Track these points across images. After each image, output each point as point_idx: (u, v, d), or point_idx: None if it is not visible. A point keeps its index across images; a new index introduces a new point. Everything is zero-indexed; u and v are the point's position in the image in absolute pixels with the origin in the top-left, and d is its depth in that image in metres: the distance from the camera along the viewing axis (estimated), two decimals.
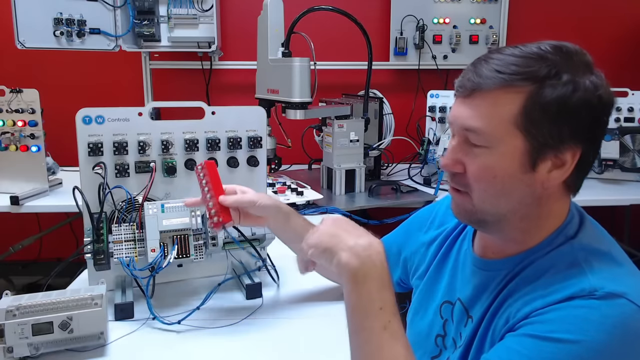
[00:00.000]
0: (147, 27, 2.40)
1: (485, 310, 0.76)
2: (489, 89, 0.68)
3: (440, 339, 0.87)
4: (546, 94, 0.66)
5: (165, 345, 0.95)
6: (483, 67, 0.70)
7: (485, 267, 0.80)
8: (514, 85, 0.67)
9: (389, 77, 2.80)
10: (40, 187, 2.01)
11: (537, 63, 0.67)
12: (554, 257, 0.71)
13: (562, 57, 0.68)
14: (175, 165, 1.15)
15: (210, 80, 2.70)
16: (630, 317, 0.61)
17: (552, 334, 0.62)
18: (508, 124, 0.68)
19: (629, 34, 2.84)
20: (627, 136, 2.25)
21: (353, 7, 2.08)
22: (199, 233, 1.07)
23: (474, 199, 0.73)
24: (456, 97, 0.75)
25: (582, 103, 0.66)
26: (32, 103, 1.96)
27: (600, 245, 0.71)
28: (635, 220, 2.74)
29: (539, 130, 0.67)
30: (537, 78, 0.66)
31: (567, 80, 0.66)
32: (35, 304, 0.87)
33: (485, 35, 2.72)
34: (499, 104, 0.68)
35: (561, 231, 0.73)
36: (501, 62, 0.69)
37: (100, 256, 1.02)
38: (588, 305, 0.62)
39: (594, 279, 0.65)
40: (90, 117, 1.08)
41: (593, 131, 0.70)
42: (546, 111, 0.66)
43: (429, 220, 1.01)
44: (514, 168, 0.69)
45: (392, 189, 2.10)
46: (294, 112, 1.92)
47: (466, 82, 0.71)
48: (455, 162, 0.74)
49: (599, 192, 2.15)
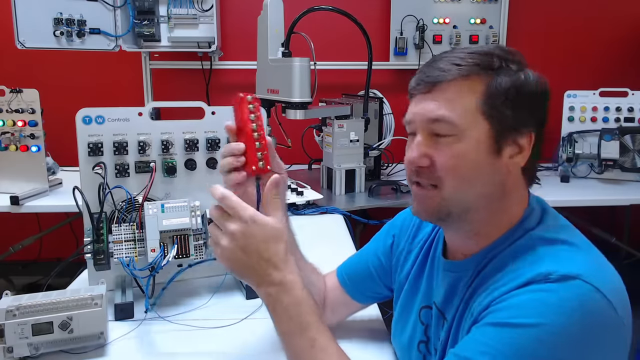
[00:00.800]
0: (147, 27, 2.40)
1: (455, 311, 0.77)
2: (450, 80, 0.72)
3: (423, 345, 0.87)
4: (503, 81, 0.72)
5: (165, 345, 0.95)
6: (439, 64, 0.74)
7: (453, 269, 0.81)
8: (472, 75, 0.72)
9: (389, 77, 2.80)
10: (40, 187, 2.01)
11: (488, 57, 0.73)
12: (513, 250, 0.73)
13: (505, 53, 0.74)
14: (175, 165, 1.15)
15: (210, 80, 2.70)
16: (587, 297, 0.62)
17: (510, 319, 0.63)
18: (473, 111, 0.71)
19: (629, 34, 2.84)
20: (627, 136, 2.25)
21: (353, 7, 2.08)
22: (199, 233, 1.07)
23: (444, 191, 0.73)
24: (413, 96, 0.77)
25: (534, 88, 0.73)
26: (32, 103, 1.96)
27: (558, 235, 0.72)
28: (635, 220, 2.74)
29: (501, 115, 0.71)
30: (492, 68, 0.72)
31: (517, 69, 0.73)
32: (35, 304, 0.88)
33: (485, 35, 2.72)
34: (462, 93, 0.72)
35: (521, 224, 0.75)
36: (456, 57, 0.74)
37: (100, 256, 1.02)
38: (545, 289, 0.63)
39: (549, 263, 0.66)
40: (90, 117, 1.08)
41: (542, 116, 0.75)
42: (507, 96, 0.71)
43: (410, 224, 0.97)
44: (482, 153, 0.72)
45: (392, 189, 2.10)
46: (294, 112, 1.92)
47: (425, 78, 0.75)
48: (421, 156, 0.74)
49: (599, 192, 2.15)
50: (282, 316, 0.72)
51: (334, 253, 1.40)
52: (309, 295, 0.74)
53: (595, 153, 2.28)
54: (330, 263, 1.29)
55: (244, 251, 0.72)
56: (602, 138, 2.24)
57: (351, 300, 1.01)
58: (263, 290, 0.73)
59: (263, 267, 0.72)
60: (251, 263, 0.72)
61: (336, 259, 1.26)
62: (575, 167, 2.34)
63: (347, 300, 1.01)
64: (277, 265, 0.72)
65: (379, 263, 0.99)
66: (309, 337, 0.71)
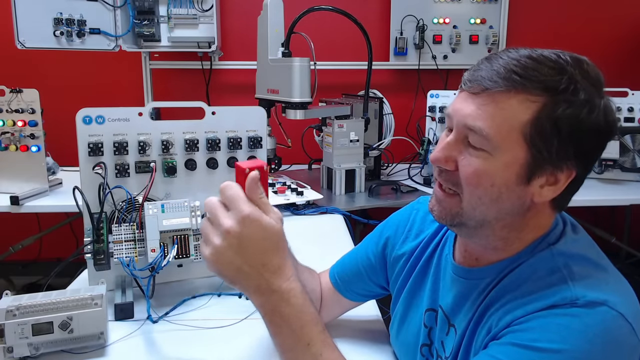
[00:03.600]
0: (147, 27, 2.40)
1: (469, 321, 0.74)
2: (502, 90, 0.64)
3: (426, 348, 0.85)
4: (562, 108, 0.62)
5: (165, 345, 0.95)
6: (499, 63, 0.65)
7: (466, 276, 0.78)
8: (530, 92, 0.63)
9: (389, 77, 2.80)
10: (40, 187, 2.01)
11: (557, 73, 0.63)
12: (534, 264, 0.69)
13: (581, 73, 0.64)
14: (175, 165, 1.15)
15: (210, 80, 2.70)
16: (612, 324, 0.61)
17: (534, 342, 0.61)
18: (515, 132, 0.64)
19: (629, 34, 2.84)
20: (627, 136, 2.25)
21: (353, 7, 2.08)
22: (199, 233, 1.07)
23: (463, 203, 0.69)
24: (462, 90, 0.70)
25: (593, 126, 0.63)
26: (32, 103, 1.96)
27: (580, 250, 0.69)
28: (635, 220, 2.74)
29: (545, 145, 0.63)
30: (555, 90, 0.62)
31: (584, 100, 0.62)
32: (35, 304, 0.87)
33: (485, 35, 2.72)
34: (510, 109, 0.64)
35: (543, 239, 0.71)
36: (519, 63, 0.64)
37: (100, 256, 1.02)
38: (570, 314, 0.61)
39: (575, 287, 0.64)
40: (90, 117, 1.08)
41: (593, 155, 0.67)
42: (558, 127, 0.62)
43: (406, 228, 0.95)
44: (510, 178, 0.66)
45: (392, 189, 2.10)
46: (294, 112, 1.92)
47: (478, 77, 0.66)
48: (447, 159, 0.69)
49: (599, 192, 2.15)
50: (281, 327, 0.66)
51: (333, 253, 1.40)
52: (311, 304, 0.68)
53: None
54: (330, 263, 1.29)
55: (238, 252, 0.64)
56: None
57: (343, 298, 0.99)
58: (258, 299, 0.66)
59: (259, 271, 0.65)
60: (245, 267, 0.64)
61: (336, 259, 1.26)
62: None
63: (339, 299, 0.99)
64: (275, 271, 0.65)
65: (369, 263, 0.97)
66: (313, 352, 0.66)
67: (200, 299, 1.11)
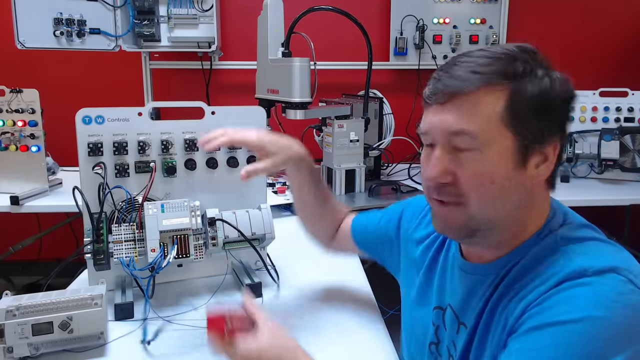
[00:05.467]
0: (147, 27, 2.40)
1: (477, 317, 0.74)
2: (470, 90, 0.67)
3: (434, 346, 0.86)
4: (528, 89, 0.67)
5: (165, 345, 0.95)
6: (457, 71, 0.69)
7: (472, 271, 0.78)
8: (494, 84, 0.67)
9: (389, 77, 2.80)
10: (40, 187, 2.01)
11: (511, 62, 0.68)
12: (539, 252, 0.70)
13: (530, 56, 0.69)
14: (175, 165, 1.15)
15: (210, 80, 2.70)
16: (624, 289, 0.61)
17: (553, 318, 0.61)
18: (496, 122, 0.67)
19: (629, 34, 2.84)
20: (627, 136, 2.25)
21: (353, 7, 2.08)
22: (199, 233, 1.07)
23: (470, 209, 0.69)
24: (429, 105, 0.73)
25: (559, 96, 0.68)
26: (32, 103, 1.96)
27: (583, 232, 0.71)
28: (635, 220, 2.73)
29: (526, 127, 0.67)
30: (515, 75, 0.67)
31: (542, 76, 0.68)
32: (35, 304, 0.87)
33: (485, 35, 2.72)
34: (483, 104, 0.67)
35: (545, 227, 0.73)
36: (475, 63, 0.68)
37: (100, 256, 1.02)
38: (581, 283, 0.62)
39: (582, 260, 0.65)
40: (90, 117, 1.08)
41: (565, 122, 0.71)
42: (531, 106, 0.67)
43: (421, 214, 0.98)
44: (508, 168, 0.68)
45: (392, 189, 2.10)
46: (294, 112, 1.92)
47: (442, 87, 0.69)
48: (443, 173, 0.70)
49: (599, 192, 2.16)
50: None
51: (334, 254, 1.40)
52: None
53: (595, 153, 2.28)
54: (330, 263, 1.29)
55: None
56: (602, 138, 2.24)
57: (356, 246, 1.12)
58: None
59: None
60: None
61: (336, 260, 1.26)
62: (575, 167, 2.34)
63: (354, 246, 1.12)
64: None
65: (387, 234, 1.05)
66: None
67: (200, 299, 1.11)
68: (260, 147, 0.99)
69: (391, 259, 1.05)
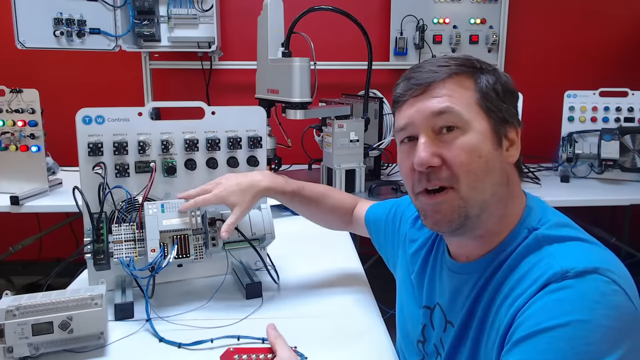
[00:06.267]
0: (147, 27, 2.40)
1: (464, 316, 0.75)
2: (443, 79, 0.73)
3: (421, 344, 0.88)
4: (489, 78, 0.75)
5: (165, 345, 0.95)
6: (424, 69, 0.75)
7: (459, 270, 0.80)
8: (461, 73, 0.74)
9: (389, 77, 2.80)
10: (40, 187, 2.01)
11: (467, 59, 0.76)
12: (522, 252, 0.71)
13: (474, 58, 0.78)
14: (175, 165, 1.15)
15: (210, 80, 2.70)
16: (606, 289, 0.61)
17: (539, 325, 0.61)
18: (473, 104, 0.73)
19: (629, 34, 2.84)
20: (627, 136, 2.25)
21: (353, 7, 2.08)
22: (199, 233, 1.07)
23: (461, 191, 0.71)
24: (404, 102, 0.76)
25: (511, 86, 0.77)
26: (32, 103, 1.96)
27: (563, 231, 0.72)
28: (635, 220, 2.74)
29: (498, 109, 0.74)
30: (475, 68, 0.75)
31: (493, 70, 0.77)
32: (35, 304, 0.87)
33: (485, 35, 2.72)
34: (459, 89, 0.73)
35: (522, 223, 0.74)
36: (437, 64, 0.75)
37: (100, 256, 1.02)
38: (563, 287, 0.62)
39: (564, 261, 0.65)
40: (90, 117, 1.08)
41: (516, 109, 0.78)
42: (496, 91, 0.74)
43: (416, 213, 0.98)
44: (489, 146, 0.72)
45: (392, 189, 2.10)
46: (294, 112, 1.92)
47: (415, 82, 0.75)
48: (432, 155, 0.71)
49: (599, 192, 2.15)
50: None
51: (334, 253, 1.41)
52: None
53: (595, 153, 2.28)
54: (330, 263, 1.29)
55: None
56: (602, 138, 2.24)
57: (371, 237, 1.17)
58: None
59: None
60: None
61: (336, 260, 1.26)
62: (575, 167, 2.34)
63: (366, 231, 1.18)
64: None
65: (393, 226, 1.08)
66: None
67: (200, 299, 1.11)
68: (222, 203, 1.03)
69: (392, 253, 1.07)
